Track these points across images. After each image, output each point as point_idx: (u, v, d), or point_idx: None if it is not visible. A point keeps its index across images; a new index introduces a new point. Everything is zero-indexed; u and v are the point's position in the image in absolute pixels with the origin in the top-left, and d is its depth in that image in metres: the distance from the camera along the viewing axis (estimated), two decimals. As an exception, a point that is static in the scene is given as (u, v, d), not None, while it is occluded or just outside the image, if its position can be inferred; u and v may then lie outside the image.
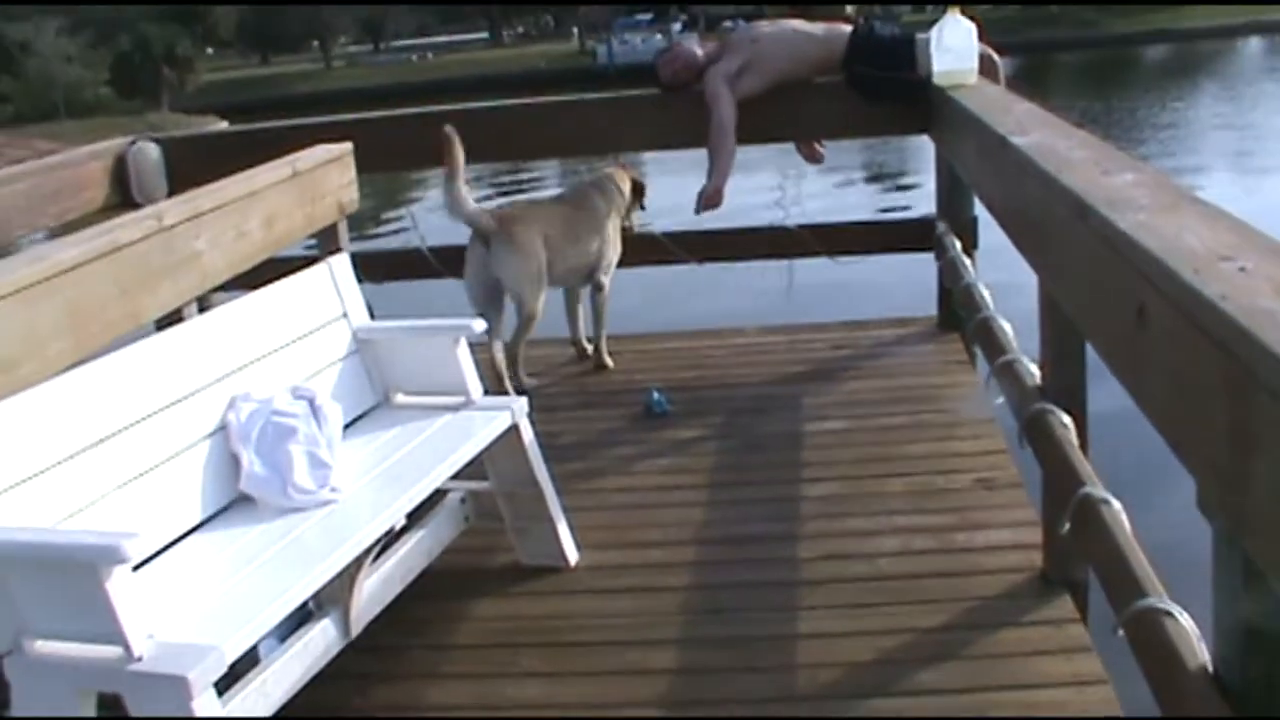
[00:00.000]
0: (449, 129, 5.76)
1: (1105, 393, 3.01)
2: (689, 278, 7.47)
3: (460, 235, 6.33)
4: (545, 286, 6.16)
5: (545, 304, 6.21)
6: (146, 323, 4.20)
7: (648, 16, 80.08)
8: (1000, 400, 4.36)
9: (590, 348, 6.66)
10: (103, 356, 3.54)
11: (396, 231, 15.78)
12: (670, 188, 6.59)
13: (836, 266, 7.29)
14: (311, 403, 3.88)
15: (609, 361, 6.58)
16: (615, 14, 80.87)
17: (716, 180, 6.22)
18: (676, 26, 73.03)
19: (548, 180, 20.54)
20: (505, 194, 17.82)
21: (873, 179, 20.68)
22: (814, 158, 6.86)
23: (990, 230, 4.74)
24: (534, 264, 6.08)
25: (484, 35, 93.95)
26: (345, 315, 4.39)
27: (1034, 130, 3.82)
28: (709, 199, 6.22)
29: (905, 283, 7.82)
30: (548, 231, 6.15)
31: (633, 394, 6.09)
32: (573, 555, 4.48)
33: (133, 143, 6.53)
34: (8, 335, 3.29)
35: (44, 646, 2.98)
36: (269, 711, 3.34)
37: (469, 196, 6.01)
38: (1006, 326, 4.59)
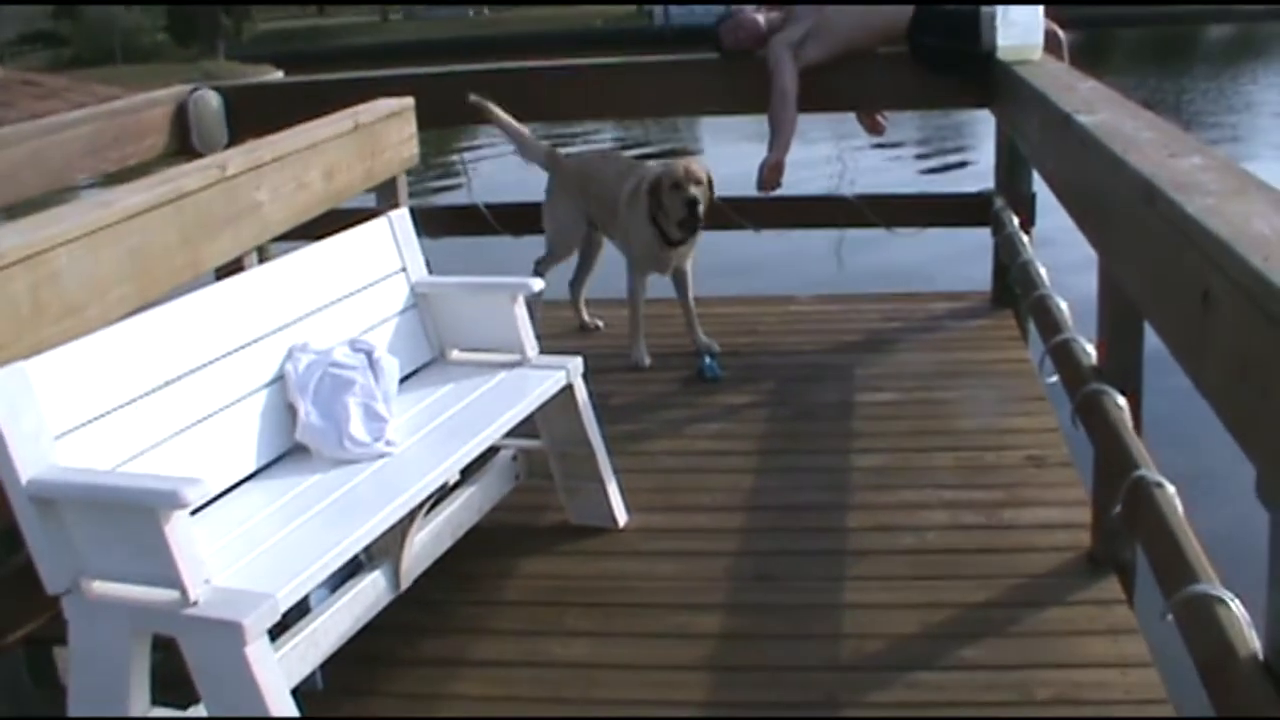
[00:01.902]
0: (473, 99, 6.15)
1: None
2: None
3: (517, 194, 6.37)
4: (571, 227, 6.34)
5: (567, 243, 6.37)
6: (206, 271, 4.23)
7: (706, -22, 79.62)
8: (1054, 379, 4.35)
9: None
10: (164, 304, 3.57)
11: (449, 186, 15.77)
12: (729, 155, 6.54)
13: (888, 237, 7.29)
14: (370, 356, 3.90)
15: (639, 350, 6.20)
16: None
17: (778, 152, 6.20)
18: (735, -10, 72.54)
19: (602, 140, 20.52)
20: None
21: (928, 152, 20.54)
22: (876, 129, 6.84)
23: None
24: (556, 204, 6.33)
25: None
26: (404, 270, 4.41)
27: (1100, 109, 3.80)
28: (770, 172, 6.19)
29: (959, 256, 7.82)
30: (587, 186, 6.26)
31: (685, 358, 6.10)
32: (622, 516, 4.52)
33: (194, 91, 6.57)
34: (75, 278, 3.32)
35: (102, 587, 3.02)
36: (319, 660, 3.38)
37: (532, 137, 6.35)
38: (1063, 305, 4.57)
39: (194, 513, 3.02)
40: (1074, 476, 4.64)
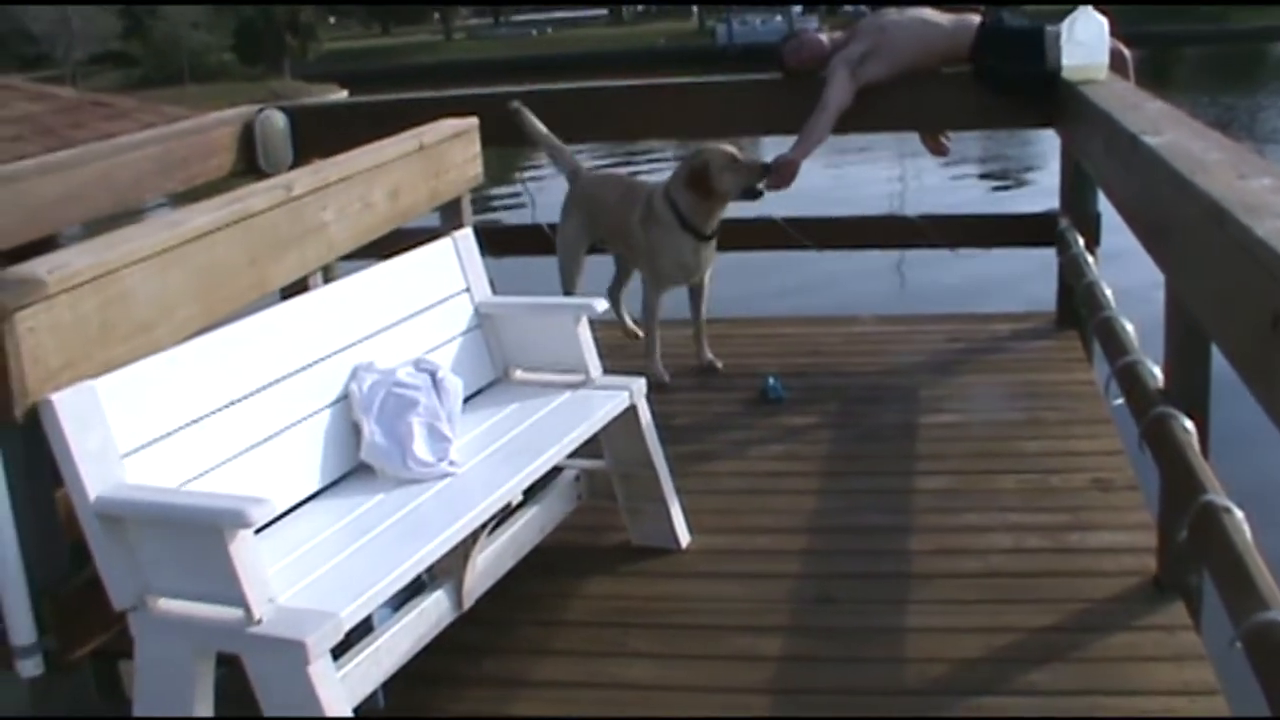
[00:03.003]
0: (513, 105, 6.36)
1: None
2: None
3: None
4: (573, 244, 6.38)
5: (569, 260, 6.38)
6: (272, 291, 4.25)
7: (769, -4, 79.98)
8: (1119, 401, 4.32)
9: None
10: (230, 323, 3.60)
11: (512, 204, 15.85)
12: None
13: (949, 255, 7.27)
14: (434, 375, 3.92)
15: (655, 364, 6.18)
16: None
17: (797, 153, 6.14)
18: (798, 9, 72.81)
19: (664, 158, 20.55)
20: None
21: (993, 171, 20.45)
22: (939, 150, 6.80)
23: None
24: (566, 222, 6.41)
25: (604, 11, 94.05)
26: (468, 290, 4.44)
27: (1167, 130, 3.78)
28: (781, 170, 6.11)
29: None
30: (594, 208, 6.33)
31: (749, 378, 6.10)
32: (684, 538, 4.52)
33: (260, 111, 6.63)
34: (144, 298, 3.35)
35: (167, 604, 3.06)
36: (381, 679, 3.40)
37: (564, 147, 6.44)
38: (1129, 326, 4.54)
39: (259, 531, 3.04)
40: (1140, 500, 4.60)
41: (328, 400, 3.76)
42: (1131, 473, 4.80)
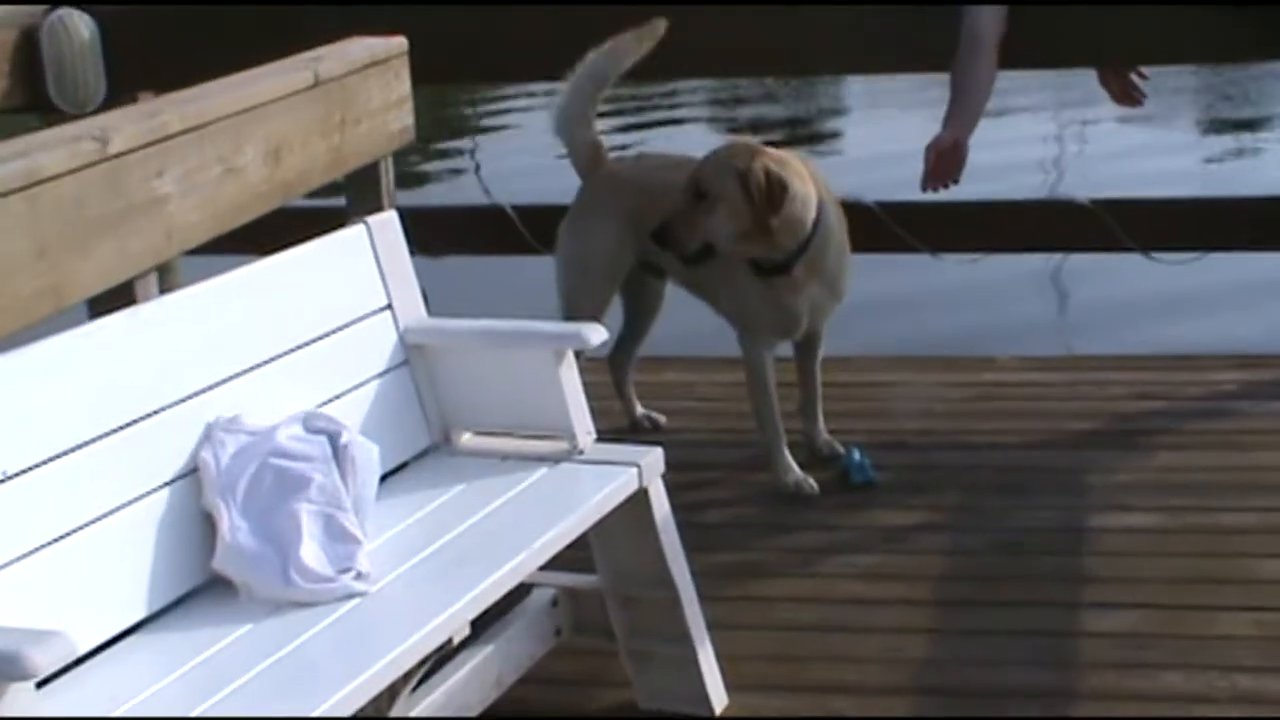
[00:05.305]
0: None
1: None
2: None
3: (557, 192, 6.37)
4: (604, 279, 6.23)
5: (592, 294, 6.20)
6: (74, 302, 4.21)
7: None
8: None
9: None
10: (4, 352, 3.55)
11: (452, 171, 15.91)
12: (885, 136, 6.50)
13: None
14: (334, 439, 3.89)
15: (787, 468, 5.96)
16: None
17: (956, 127, 6.12)
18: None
19: (697, 109, 20.64)
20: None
21: (1205, 131, 20.47)
22: (1127, 97, 6.75)
23: None
24: (582, 243, 6.23)
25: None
26: (389, 307, 4.44)
27: None
28: (941, 158, 6.09)
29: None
30: (645, 208, 6.03)
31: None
32: (719, 698, 4.48)
33: (51, 10, 6.56)
34: None
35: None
36: None
37: (589, 114, 6.24)
38: None
39: (44, 684, 2.99)
40: None
41: (164, 477, 3.73)
42: None
